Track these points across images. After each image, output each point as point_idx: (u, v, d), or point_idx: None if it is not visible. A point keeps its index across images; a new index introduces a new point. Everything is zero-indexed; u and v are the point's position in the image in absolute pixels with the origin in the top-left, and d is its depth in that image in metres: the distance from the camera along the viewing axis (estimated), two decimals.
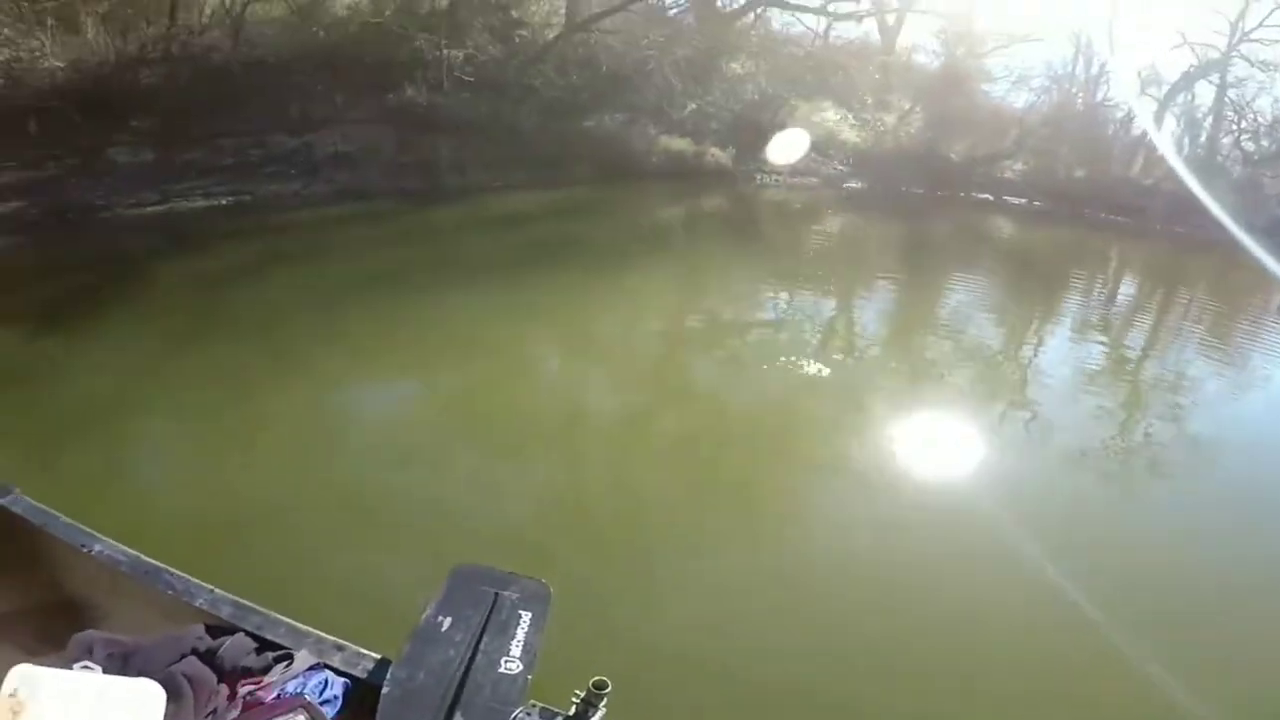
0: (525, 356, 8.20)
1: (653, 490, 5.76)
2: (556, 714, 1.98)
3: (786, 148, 19.09)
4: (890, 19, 25.02)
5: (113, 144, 13.10)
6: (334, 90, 15.16)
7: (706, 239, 14.65)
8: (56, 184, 12.16)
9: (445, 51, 16.50)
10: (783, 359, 8.17)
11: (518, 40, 18.08)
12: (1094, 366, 9.50)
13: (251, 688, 2.09)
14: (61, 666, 2.11)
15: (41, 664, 2.32)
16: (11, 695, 1.75)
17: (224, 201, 12.83)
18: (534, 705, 2.00)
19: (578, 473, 6.05)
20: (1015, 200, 22.14)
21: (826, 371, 8.02)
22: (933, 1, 24.12)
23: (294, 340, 7.87)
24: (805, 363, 8.11)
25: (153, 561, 2.72)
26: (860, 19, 25.27)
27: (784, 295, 10.81)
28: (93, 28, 15.07)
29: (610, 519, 5.35)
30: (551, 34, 18.78)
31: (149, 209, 12.23)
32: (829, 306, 10.60)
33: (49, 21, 14.22)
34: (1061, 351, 10.05)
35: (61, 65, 13.74)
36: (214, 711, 2.04)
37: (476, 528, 4.85)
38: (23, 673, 1.83)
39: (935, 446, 6.53)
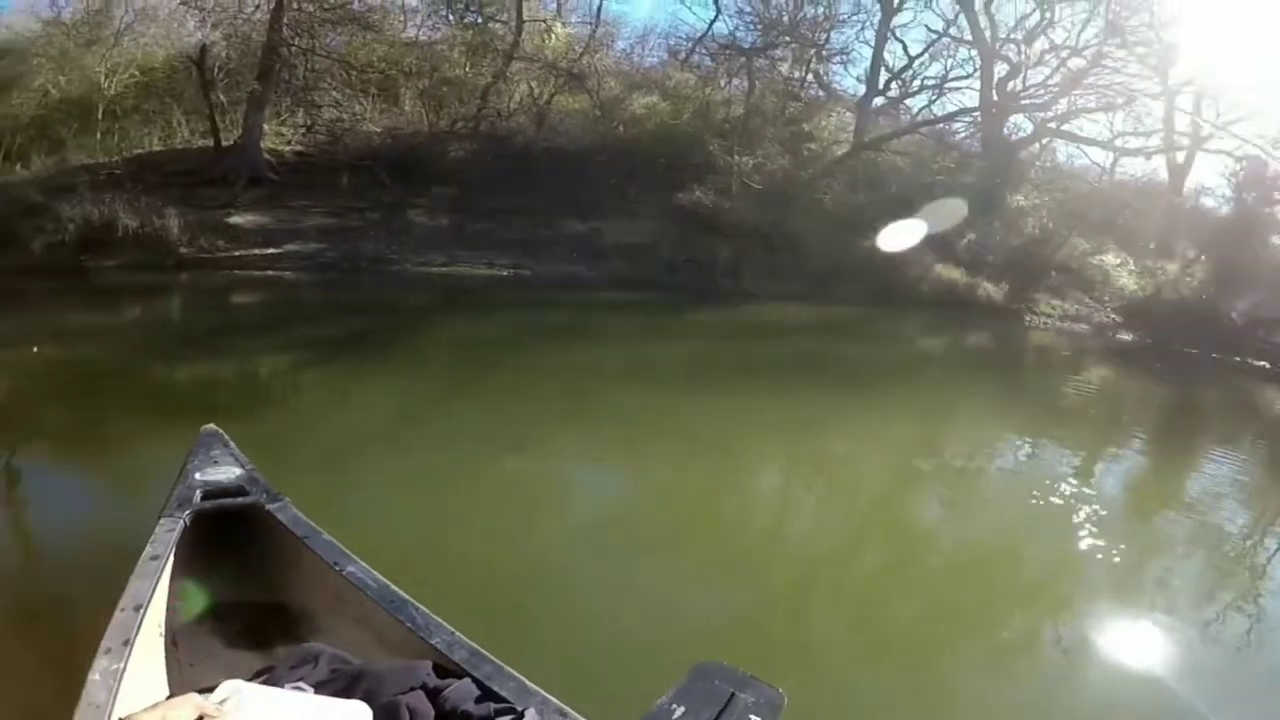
0: (763, 466, 7.69)
1: (873, 621, 5.18)
2: None
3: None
4: (1179, 157, 22.81)
5: (413, 206, 13.65)
6: (625, 184, 15.29)
7: (962, 375, 13.26)
8: (357, 234, 12.75)
9: (736, 158, 16.31)
10: (1007, 514, 7.35)
11: (805, 153, 17.74)
12: None
13: None
14: (284, 670, 2.35)
15: (251, 659, 2.86)
16: (219, 703, 1.79)
17: (505, 273, 13.07)
18: None
19: (806, 590, 5.52)
20: None
21: (1045, 533, 7.01)
22: (1225, 141, 21.57)
23: (541, 410, 7.81)
24: (1027, 522, 7.22)
25: (401, 593, 2.77)
26: (1149, 155, 23.39)
27: (1026, 447, 9.53)
28: (410, 101, 16.21)
29: (834, 642, 4.83)
30: (840, 150, 18.34)
31: (435, 269, 12.60)
32: (1069, 467, 9.21)
33: (372, 91, 15.36)
34: None
35: (378, 130, 14.72)
36: None
37: (701, 627, 4.53)
38: (233, 687, 1.89)
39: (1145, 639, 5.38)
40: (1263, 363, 18.82)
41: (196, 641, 3.13)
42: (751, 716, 2.17)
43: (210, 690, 2.09)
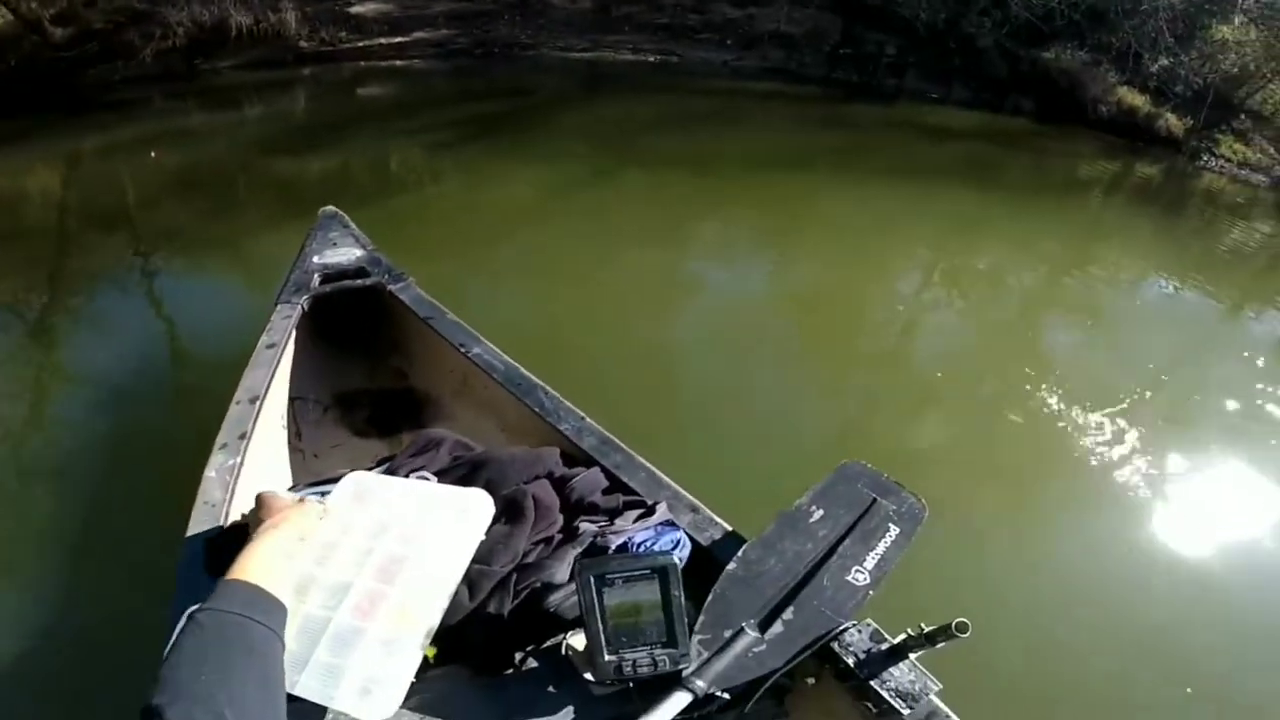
0: (907, 267, 7.33)
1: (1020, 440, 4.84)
2: (885, 639, 1.78)
3: None
4: None
5: None
6: None
7: (1123, 205, 12.59)
8: (489, 19, 11.96)
9: None
10: (1141, 347, 6.72)
11: None
12: None
13: (595, 527, 1.99)
14: (404, 456, 2.29)
15: (376, 447, 3.08)
16: (321, 501, 1.77)
17: (651, 59, 12.22)
18: (867, 623, 1.82)
19: (941, 398, 5.21)
20: None
21: (1176, 373, 6.37)
22: None
23: (678, 200, 7.47)
24: (1160, 356, 6.58)
25: (530, 376, 2.69)
26: None
27: (1173, 286, 8.69)
28: None
29: (992, 456, 4.57)
30: None
31: (575, 54, 11.90)
32: (1215, 311, 8.42)
33: None
34: None
35: None
36: (547, 540, 1.97)
37: (837, 430, 4.50)
38: (355, 479, 1.90)
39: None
40: None
41: (320, 432, 3.14)
42: (890, 525, 2.03)
43: (334, 481, 2.01)
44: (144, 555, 2.49)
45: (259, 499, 1.62)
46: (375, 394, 3.32)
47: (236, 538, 1.66)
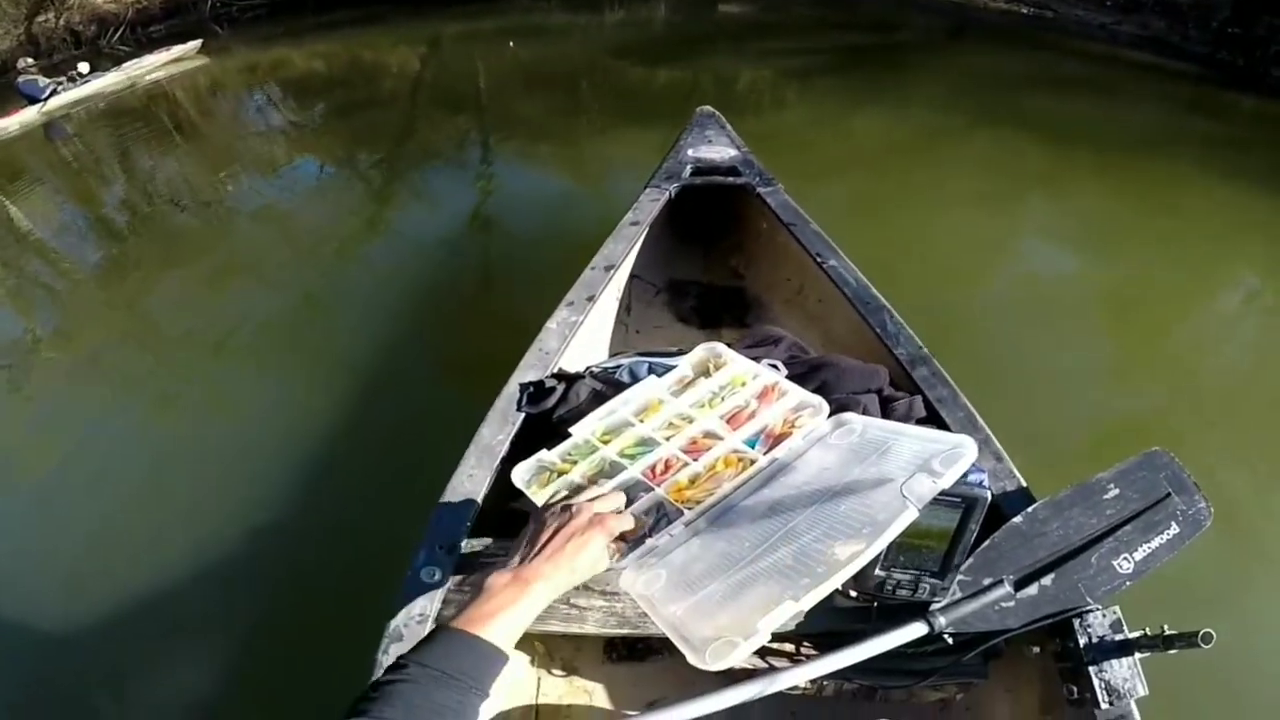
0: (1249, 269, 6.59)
1: None
2: (1122, 629, 1.76)
3: None
4: None
5: None
6: None
7: None
8: None
9: None
10: None
11: None
12: None
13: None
14: (740, 345, 2.42)
15: (689, 333, 3.27)
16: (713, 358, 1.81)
17: (1025, 10, 11.82)
18: (1114, 610, 1.78)
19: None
20: None
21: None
22: None
23: (1022, 164, 7.21)
24: None
25: (879, 295, 2.66)
26: None
27: None
28: None
29: None
30: None
31: None
32: None
33: None
34: None
35: None
36: None
37: (1152, 420, 4.28)
38: (711, 348, 1.84)
39: None
40: None
41: (649, 311, 3.36)
42: (1173, 524, 1.96)
43: (664, 355, 2.22)
44: (460, 390, 2.72)
45: (543, 512, 1.30)
46: (707, 287, 3.47)
47: (510, 513, 1.81)
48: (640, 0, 10.40)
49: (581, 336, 2.48)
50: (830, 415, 1.66)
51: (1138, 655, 1.75)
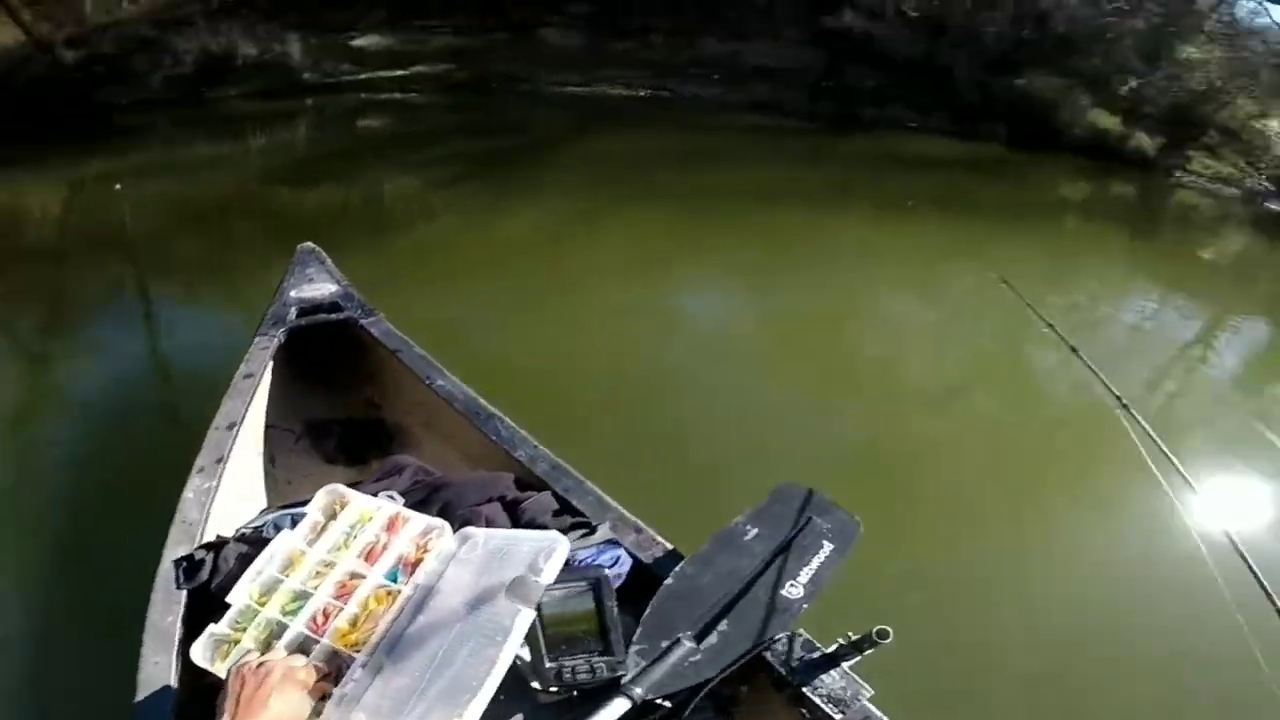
0: (884, 294, 7.58)
1: (980, 446, 5.16)
2: (816, 648, 1.93)
3: None
4: None
5: (545, 24, 13.11)
6: (772, 3, 14.33)
7: (1099, 224, 12.90)
8: (485, 54, 12.33)
9: None
10: (1121, 368, 6.70)
11: None
12: None
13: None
14: (369, 481, 2.49)
15: (346, 474, 3.04)
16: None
17: (642, 94, 12.56)
18: (799, 633, 1.95)
19: (906, 418, 5.38)
20: None
21: (1155, 390, 6.77)
22: None
23: (669, 233, 7.71)
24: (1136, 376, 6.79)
25: (488, 406, 2.86)
26: None
27: (1153, 304, 9.03)
28: None
29: (928, 472, 4.74)
30: None
31: (569, 89, 12.21)
32: (1189, 327, 8.67)
33: None
34: None
35: None
36: None
37: (793, 452, 4.59)
38: (333, 490, 1.95)
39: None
40: None
41: (294, 459, 3.24)
42: (824, 543, 2.15)
43: (304, 503, 2.10)
44: (123, 565, 2.51)
45: (236, 673, 1.40)
46: (347, 423, 3.42)
47: (204, 687, 1.75)
48: (280, 123, 10.31)
49: (225, 500, 2.46)
50: (456, 532, 1.83)
51: (845, 664, 1.89)
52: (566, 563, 1.94)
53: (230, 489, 2.54)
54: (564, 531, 2.19)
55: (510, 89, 11.83)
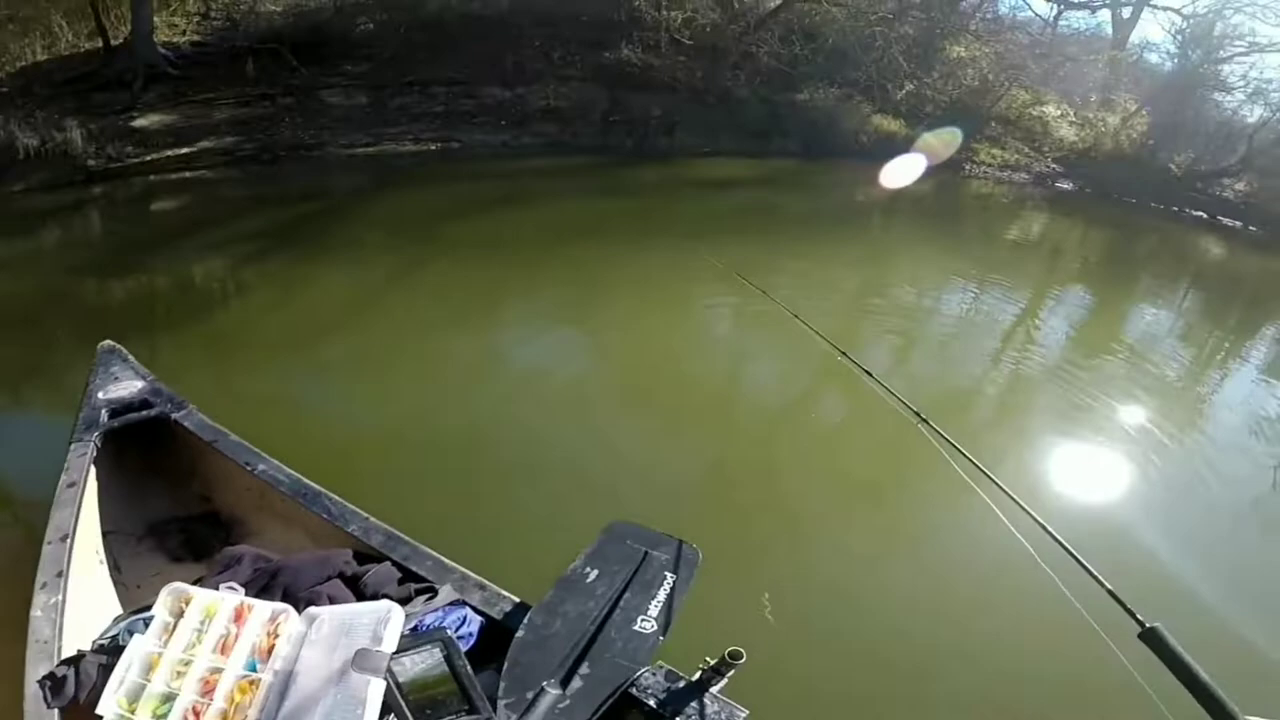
0: (706, 319, 7.91)
1: (805, 462, 5.46)
2: (680, 678, 1.96)
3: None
4: (1125, 12, 22.63)
5: (327, 87, 12.94)
6: (550, 46, 14.69)
7: (904, 223, 13.82)
8: (270, 122, 12.09)
9: (664, 13, 15.70)
10: (954, 352, 7.74)
11: (737, 6, 17.01)
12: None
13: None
14: (210, 576, 2.43)
15: (194, 570, 2.88)
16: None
17: (433, 147, 12.60)
18: (661, 666, 1.98)
19: (749, 442, 5.70)
20: (1230, 222, 19.18)
21: (990, 374, 7.47)
22: None
23: (484, 283, 7.84)
24: (973, 359, 7.62)
25: (313, 485, 2.85)
26: (1094, 9, 23.08)
27: (970, 292, 9.88)
28: None
29: (761, 493, 5.03)
30: (774, 2, 17.60)
31: (359, 150, 12.09)
32: (1010, 309, 9.51)
33: None
34: (1246, 387, 8.56)
35: (279, 9, 13.76)
36: None
37: (632, 486, 4.74)
38: (175, 589, 2.02)
39: (1084, 473, 5.65)
40: (1199, 213, 19.13)
41: (139, 562, 3.16)
42: (666, 574, 2.23)
43: (145, 608, 2.16)
44: None
45: None
46: (185, 519, 3.34)
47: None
48: (72, 215, 9.71)
49: (75, 612, 2.38)
50: (301, 613, 1.88)
51: (714, 689, 1.93)
52: (414, 628, 2.07)
53: (79, 601, 2.46)
54: (408, 598, 2.29)
55: (300, 156, 11.65)
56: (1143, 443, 6.13)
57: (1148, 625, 1.68)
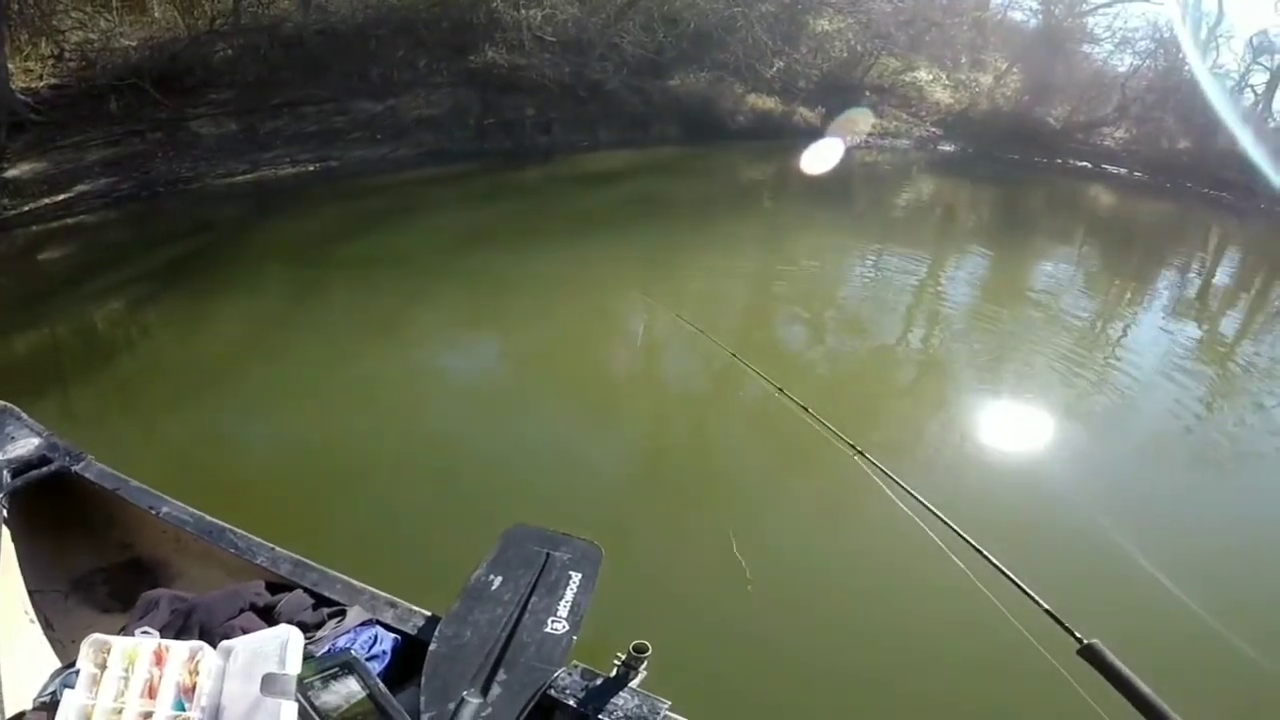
0: (607, 314, 8.10)
1: (724, 454, 5.66)
2: (597, 675, 2.01)
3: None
4: None
5: (194, 117, 12.78)
6: (415, 55, 14.73)
7: (796, 199, 14.25)
8: (143, 159, 11.95)
9: (523, 12, 15.90)
10: (865, 324, 8.01)
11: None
12: (1184, 349, 8.87)
13: (304, 643, 2.05)
14: (131, 623, 2.37)
15: (115, 620, 2.76)
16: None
17: (311, 168, 12.58)
18: (576, 665, 2.02)
19: (648, 437, 5.94)
20: (1114, 170, 20.68)
21: (905, 340, 7.78)
22: None
23: (380, 301, 7.92)
24: (885, 329, 7.91)
25: (216, 521, 2.89)
26: None
27: (870, 259, 10.40)
28: (159, 6, 14.70)
29: (677, 487, 5.20)
30: None
31: (238, 178, 12.02)
32: (915, 273, 10.03)
33: (113, 2, 13.99)
34: (1152, 332, 9.39)
35: (134, 44, 13.49)
36: None
37: (538, 488, 4.85)
38: (94, 640, 1.99)
39: (1010, 424, 6.24)
40: (1083, 162, 20.33)
41: (71, 618, 3.11)
42: (571, 574, 2.28)
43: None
44: None
45: None
46: (109, 570, 3.31)
47: None
48: None
49: (12, 675, 2.40)
50: (216, 648, 1.91)
51: (633, 683, 1.98)
52: (326, 651, 2.12)
53: (14, 663, 2.48)
54: (321, 623, 2.32)
55: (179, 190, 11.53)
56: (1060, 420, 6.47)
57: (1085, 641, 1.75)
